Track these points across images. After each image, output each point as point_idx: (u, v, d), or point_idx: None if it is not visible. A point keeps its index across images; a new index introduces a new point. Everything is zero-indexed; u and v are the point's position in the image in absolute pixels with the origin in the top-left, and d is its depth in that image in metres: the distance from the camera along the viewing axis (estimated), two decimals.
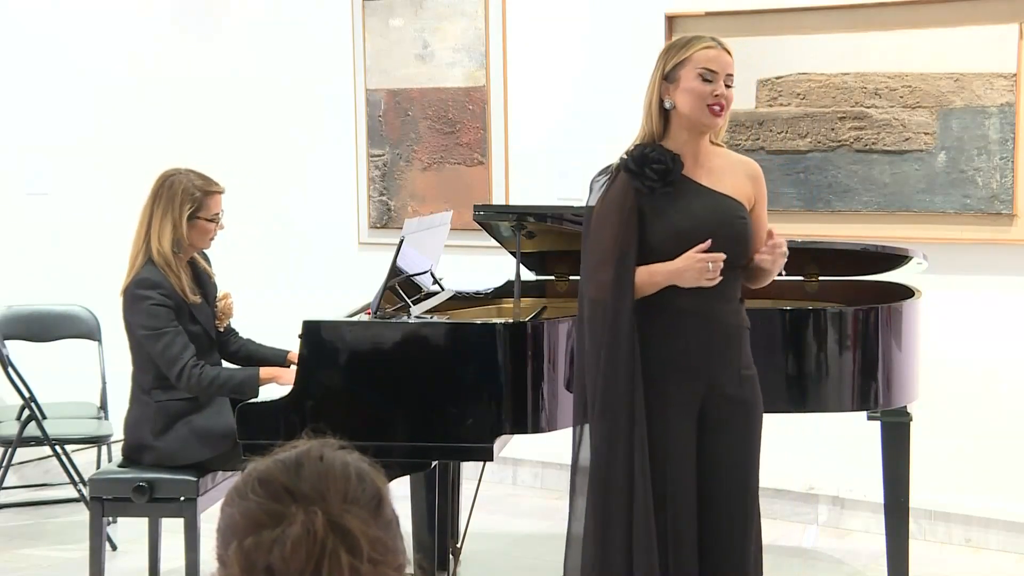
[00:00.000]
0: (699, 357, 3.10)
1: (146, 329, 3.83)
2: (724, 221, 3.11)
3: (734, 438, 3.15)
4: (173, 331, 3.83)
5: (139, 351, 3.91)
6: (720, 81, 3.09)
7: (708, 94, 3.07)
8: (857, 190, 4.85)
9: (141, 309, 3.84)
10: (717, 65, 3.10)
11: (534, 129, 5.53)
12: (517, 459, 5.58)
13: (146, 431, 3.88)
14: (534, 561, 4.71)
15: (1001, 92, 4.56)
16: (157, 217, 3.92)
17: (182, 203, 3.91)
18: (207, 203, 3.95)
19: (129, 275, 3.92)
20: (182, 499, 3.84)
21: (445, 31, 5.67)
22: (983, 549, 4.74)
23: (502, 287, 4.38)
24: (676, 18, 5.13)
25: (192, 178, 3.95)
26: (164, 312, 3.84)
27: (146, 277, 3.87)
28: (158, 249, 3.89)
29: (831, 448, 4.90)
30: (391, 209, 5.90)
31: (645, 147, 3.12)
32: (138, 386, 3.94)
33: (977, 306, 4.72)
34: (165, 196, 3.92)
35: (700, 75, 3.09)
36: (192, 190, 3.92)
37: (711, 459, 3.13)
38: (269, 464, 1.35)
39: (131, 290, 3.88)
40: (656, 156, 3.09)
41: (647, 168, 3.09)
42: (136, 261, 3.92)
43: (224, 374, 3.86)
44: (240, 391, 3.83)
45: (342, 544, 1.27)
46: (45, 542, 4.93)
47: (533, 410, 3.50)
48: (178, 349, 3.81)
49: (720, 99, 3.09)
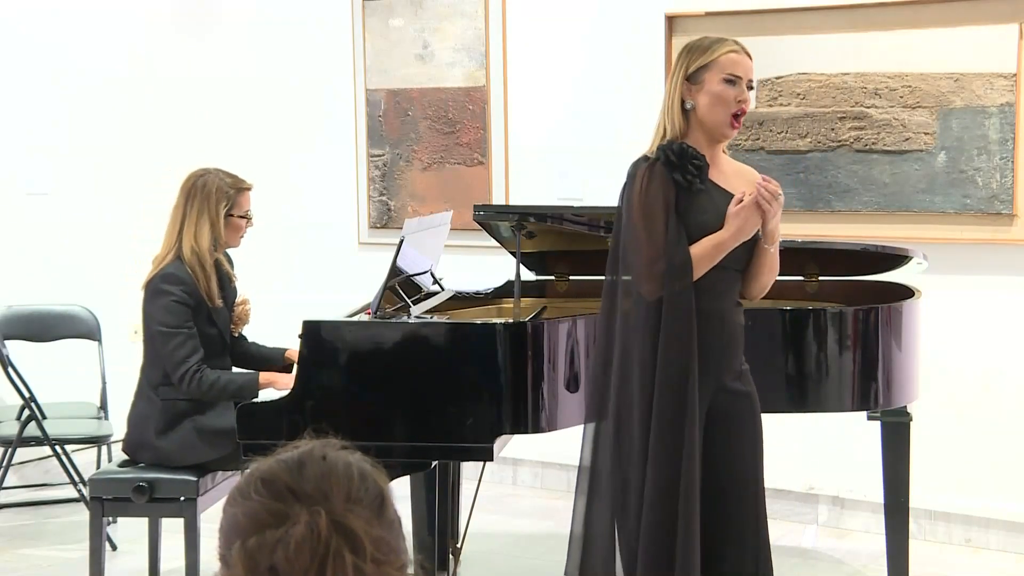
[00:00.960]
0: (714, 356, 3.12)
1: (161, 325, 3.85)
2: None
3: (743, 430, 3.17)
4: (186, 333, 3.84)
5: (150, 345, 3.93)
6: (743, 85, 3.11)
7: (732, 99, 3.09)
8: (857, 190, 4.85)
9: (161, 304, 3.86)
10: (742, 70, 3.11)
11: (534, 129, 5.53)
12: (517, 459, 5.58)
13: (149, 428, 3.89)
14: (534, 561, 4.71)
15: (1001, 92, 4.56)
16: (192, 217, 3.94)
17: (218, 201, 3.94)
18: (239, 200, 4.00)
19: (154, 270, 3.93)
20: (182, 499, 3.84)
21: (445, 31, 5.68)
22: (983, 549, 4.74)
23: (502, 287, 4.38)
24: (676, 18, 5.13)
25: (222, 176, 3.99)
26: (182, 311, 3.86)
27: (172, 272, 3.89)
28: (193, 247, 3.91)
29: (831, 448, 4.90)
30: (391, 209, 5.90)
31: (678, 144, 3.12)
32: (147, 381, 3.95)
33: (977, 306, 4.72)
34: (199, 195, 3.94)
35: (725, 79, 3.09)
36: (225, 188, 3.96)
37: (720, 453, 3.15)
38: (272, 464, 1.34)
39: (155, 283, 3.89)
40: (692, 152, 3.11)
41: (688, 163, 3.09)
42: (165, 258, 3.93)
43: (224, 379, 3.87)
44: (239, 396, 3.85)
45: (346, 544, 1.27)
46: (45, 542, 4.93)
47: (533, 410, 3.50)
48: (186, 352, 3.83)
49: (743, 104, 3.11)
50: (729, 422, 3.15)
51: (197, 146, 5.95)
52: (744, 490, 3.16)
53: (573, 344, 3.55)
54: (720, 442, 3.14)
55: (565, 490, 5.53)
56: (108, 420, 5.01)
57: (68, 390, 5.10)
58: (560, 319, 3.58)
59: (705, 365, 3.11)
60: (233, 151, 6.00)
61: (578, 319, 3.58)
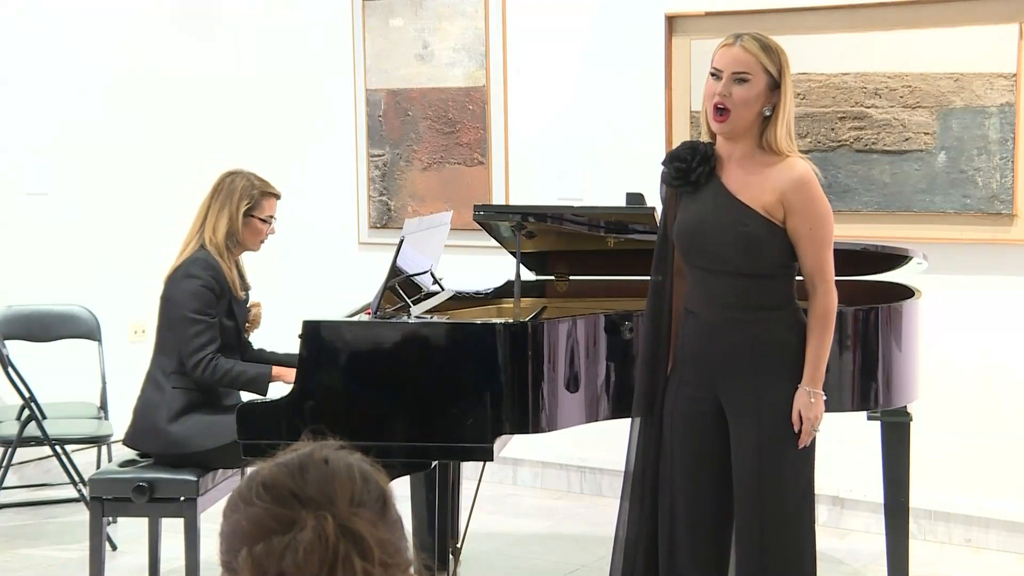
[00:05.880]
0: (707, 361, 3.13)
1: (186, 309, 3.90)
2: (723, 226, 3.08)
3: (737, 455, 3.16)
4: (208, 321, 3.91)
5: (168, 331, 3.96)
6: (726, 78, 3.02)
7: (711, 94, 3.05)
8: (857, 190, 4.85)
9: (189, 288, 3.92)
10: (723, 63, 3.03)
11: (534, 129, 5.53)
12: (517, 459, 5.58)
13: (159, 416, 3.91)
14: (534, 561, 4.71)
15: (1001, 92, 4.56)
16: (214, 210, 4.04)
17: (240, 199, 4.03)
18: (263, 203, 4.08)
19: (179, 258, 4.01)
20: (182, 499, 3.84)
21: (445, 31, 5.67)
22: (983, 549, 4.74)
23: (502, 287, 4.38)
24: (676, 18, 5.13)
25: (252, 178, 4.10)
26: (208, 297, 3.93)
27: (201, 258, 3.97)
28: (211, 238, 4.00)
29: (831, 448, 4.88)
30: (391, 209, 5.90)
31: (685, 143, 3.17)
32: (159, 369, 3.98)
33: (977, 306, 4.72)
34: (225, 191, 4.06)
35: (711, 73, 3.08)
36: (251, 188, 4.07)
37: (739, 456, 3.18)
38: (272, 468, 1.34)
39: (184, 267, 3.96)
40: (682, 154, 3.11)
41: (671, 164, 3.13)
42: (188, 247, 4.03)
43: (237, 368, 3.93)
44: (250, 387, 3.93)
45: (354, 548, 1.27)
46: (45, 542, 4.93)
47: (533, 410, 3.50)
48: (205, 340, 3.89)
49: (717, 99, 3.01)
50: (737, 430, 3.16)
51: (197, 146, 5.96)
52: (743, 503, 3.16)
53: (573, 344, 3.55)
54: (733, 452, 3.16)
55: (565, 490, 5.54)
56: (108, 420, 5.01)
57: (68, 390, 5.10)
58: (560, 319, 3.57)
59: (699, 367, 3.14)
60: (233, 151, 5.99)
61: (578, 319, 3.58)
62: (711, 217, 3.10)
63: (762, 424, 3.10)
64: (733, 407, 3.14)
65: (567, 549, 4.78)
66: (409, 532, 1.40)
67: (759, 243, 3.07)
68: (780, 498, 3.12)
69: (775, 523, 3.12)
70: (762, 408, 3.11)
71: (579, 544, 4.80)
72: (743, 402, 3.12)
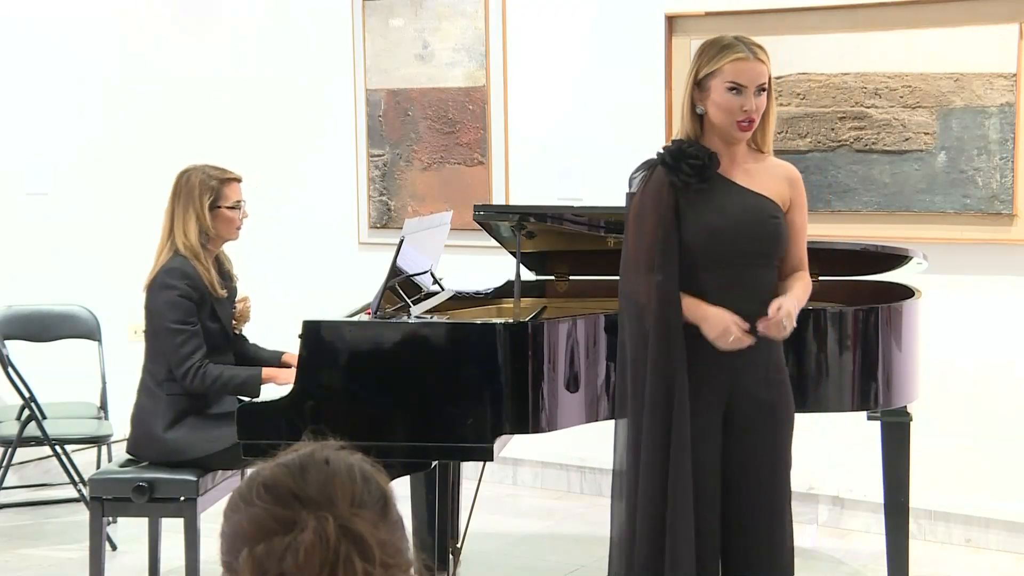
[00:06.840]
0: (723, 360, 3.13)
1: (166, 320, 3.88)
2: (757, 220, 3.14)
3: (759, 439, 3.17)
4: (190, 330, 3.88)
5: (154, 341, 3.94)
6: (749, 94, 3.07)
7: (737, 109, 3.07)
8: (857, 190, 4.85)
9: (165, 299, 3.89)
10: (746, 78, 3.07)
11: (534, 129, 5.53)
12: (517, 459, 5.58)
13: (156, 424, 3.90)
14: (534, 561, 4.71)
15: (1001, 92, 4.56)
16: (179, 213, 4.00)
17: (201, 194, 3.99)
18: (225, 191, 4.03)
19: (155, 268, 3.97)
20: (182, 499, 3.84)
21: (445, 31, 5.67)
22: (983, 549, 4.74)
23: (502, 287, 4.38)
24: (676, 18, 5.13)
25: (207, 170, 4.05)
26: (187, 306, 3.90)
27: (175, 267, 3.93)
28: (184, 243, 3.96)
29: (831, 448, 4.90)
30: (391, 209, 5.90)
31: (683, 142, 3.13)
32: (151, 377, 3.97)
33: (977, 306, 4.72)
34: (184, 191, 4.02)
35: (729, 88, 3.07)
36: (208, 180, 4.02)
37: (738, 462, 3.17)
38: (273, 469, 1.34)
39: (159, 278, 3.93)
40: (693, 152, 3.10)
41: (683, 163, 3.10)
42: (161, 255, 3.99)
43: (227, 374, 3.90)
44: (242, 391, 3.89)
45: (355, 549, 1.27)
46: (45, 542, 4.93)
47: (533, 410, 3.50)
48: (190, 349, 3.86)
49: (749, 114, 3.07)
50: (746, 433, 3.16)
51: (197, 146, 5.94)
52: (760, 497, 3.18)
53: (573, 344, 3.55)
54: (736, 452, 3.16)
55: (565, 490, 5.54)
56: (108, 420, 5.01)
57: (68, 390, 5.10)
58: (560, 319, 3.58)
59: (714, 367, 3.13)
60: (233, 151, 5.99)
61: (578, 319, 3.58)
62: (739, 213, 3.12)
63: (778, 418, 3.21)
64: (749, 406, 3.17)
65: (567, 549, 4.78)
66: (409, 532, 1.40)
67: (781, 233, 3.18)
68: (784, 493, 3.26)
69: (779, 517, 3.23)
70: (773, 400, 3.20)
71: (579, 544, 4.80)
72: (760, 400, 3.18)
